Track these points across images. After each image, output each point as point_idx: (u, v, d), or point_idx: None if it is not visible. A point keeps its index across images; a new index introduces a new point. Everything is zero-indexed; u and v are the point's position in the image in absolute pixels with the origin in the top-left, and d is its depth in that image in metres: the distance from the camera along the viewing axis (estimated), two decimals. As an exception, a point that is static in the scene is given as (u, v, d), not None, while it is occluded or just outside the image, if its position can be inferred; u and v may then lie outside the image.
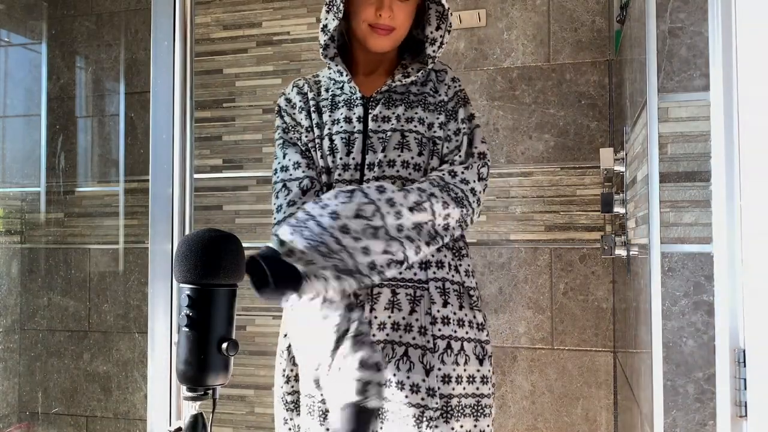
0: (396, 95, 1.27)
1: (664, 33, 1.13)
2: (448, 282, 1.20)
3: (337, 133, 1.24)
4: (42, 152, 2.63)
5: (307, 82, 1.34)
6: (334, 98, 1.28)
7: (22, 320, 2.61)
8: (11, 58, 2.73)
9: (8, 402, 2.58)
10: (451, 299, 1.19)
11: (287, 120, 1.32)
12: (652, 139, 1.13)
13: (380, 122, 1.24)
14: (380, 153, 1.22)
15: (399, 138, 1.23)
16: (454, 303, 1.19)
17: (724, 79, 1.05)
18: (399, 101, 1.26)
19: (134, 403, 2.51)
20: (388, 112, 1.24)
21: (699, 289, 1.09)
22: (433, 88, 1.29)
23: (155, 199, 1.21)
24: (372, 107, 1.26)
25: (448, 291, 1.19)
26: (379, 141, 1.23)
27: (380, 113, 1.24)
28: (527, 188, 2.14)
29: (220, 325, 0.83)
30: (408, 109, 1.25)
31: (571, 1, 2.13)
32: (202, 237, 0.84)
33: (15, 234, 2.61)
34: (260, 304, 2.40)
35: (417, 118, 1.24)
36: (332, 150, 1.24)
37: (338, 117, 1.26)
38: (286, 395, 1.24)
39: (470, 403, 1.17)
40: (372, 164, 1.21)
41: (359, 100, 1.26)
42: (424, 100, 1.27)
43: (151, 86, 1.21)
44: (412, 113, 1.25)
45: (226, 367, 0.83)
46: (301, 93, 1.32)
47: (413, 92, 1.28)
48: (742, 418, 1.01)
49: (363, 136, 1.23)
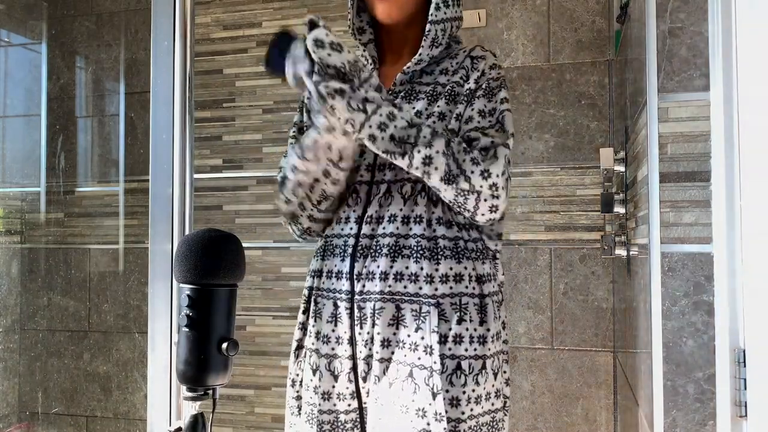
0: (421, 86, 1.16)
1: (664, 33, 1.13)
2: (466, 296, 1.08)
3: None
4: (42, 152, 2.63)
5: None
6: None
7: (22, 320, 2.61)
8: (11, 58, 2.73)
9: (8, 402, 2.58)
10: (467, 315, 1.07)
11: (305, 119, 1.24)
12: (652, 139, 1.13)
13: None
14: None
15: None
16: (471, 318, 1.07)
17: (724, 79, 1.05)
18: (422, 94, 1.15)
19: (134, 403, 2.51)
20: (407, 107, 1.14)
21: (699, 289, 1.09)
22: (465, 76, 1.15)
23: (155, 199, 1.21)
24: None
25: (465, 306, 1.07)
26: None
27: None
28: (527, 188, 2.14)
29: (220, 325, 0.83)
30: (431, 104, 1.13)
31: (571, 1, 2.13)
32: (202, 237, 0.84)
33: (15, 234, 2.61)
34: (260, 304, 2.40)
35: (437, 113, 1.12)
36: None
37: None
38: (292, 399, 1.19)
39: (486, 421, 1.08)
40: (383, 165, 1.13)
41: None
42: (451, 90, 1.14)
43: (151, 86, 1.21)
44: (433, 108, 1.13)
45: (226, 367, 0.83)
46: None
47: (441, 83, 1.15)
48: (742, 418, 1.01)
49: None
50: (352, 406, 1.11)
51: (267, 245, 2.41)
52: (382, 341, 1.07)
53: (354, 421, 1.11)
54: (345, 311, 1.11)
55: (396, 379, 1.06)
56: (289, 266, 2.38)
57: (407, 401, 1.05)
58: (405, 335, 1.07)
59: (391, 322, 1.08)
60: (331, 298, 1.13)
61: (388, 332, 1.07)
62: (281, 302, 2.39)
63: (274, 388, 2.38)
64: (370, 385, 1.09)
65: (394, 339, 1.08)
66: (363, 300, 1.09)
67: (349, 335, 1.10)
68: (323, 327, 1.13)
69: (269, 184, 2.41)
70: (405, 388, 1.05)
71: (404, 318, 1.07)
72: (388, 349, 1.07)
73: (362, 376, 1.10)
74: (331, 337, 1.11)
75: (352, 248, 1.11)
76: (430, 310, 1.06)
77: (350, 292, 1.10)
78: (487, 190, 1.04)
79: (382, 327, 1.07)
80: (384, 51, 1.23)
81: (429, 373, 1.04)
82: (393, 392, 1.06)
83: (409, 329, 1.07)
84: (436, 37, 1.14)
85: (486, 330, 1.08)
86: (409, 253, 1.08)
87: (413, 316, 1.07)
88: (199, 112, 2.47)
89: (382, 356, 1.07)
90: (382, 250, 1.09)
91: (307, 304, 1.18)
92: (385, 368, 1.07)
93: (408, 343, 1.06)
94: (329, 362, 1.11)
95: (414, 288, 1.07)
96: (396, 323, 1.08)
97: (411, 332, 1.06)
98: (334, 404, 1.11)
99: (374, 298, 1.08)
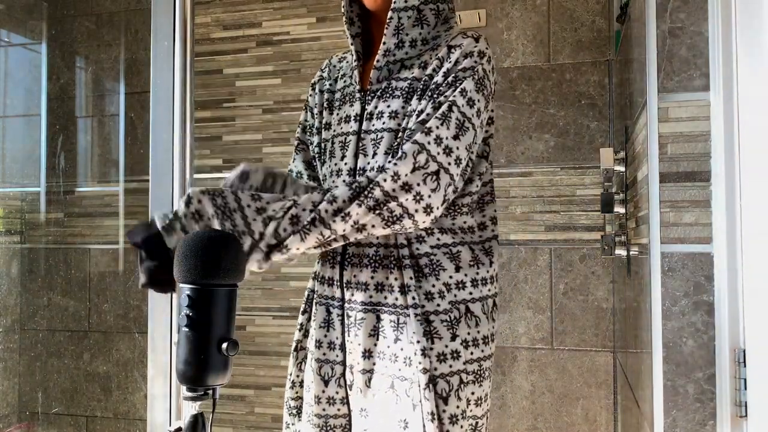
0: (398, 82, 1.07)
1: (664, 33, 1.13)
2: (434, 312, 1.02)
3: (337, 135, 1.12)
4: (42, 152, 2.63)
5: (330, 64, 1.20)
6: (344, 90, 1.14)
7: (22, 320, 2.61)
8: (11, 58, 2.73)
9: (8, 402, 2.58)
10: (441, 329, 1.02)
11: (308, 118, 1.20)
12: (652, 139, 1.13)
13: (374, 120, 1.06)
14: (371, 158, 1.05)
15: (391, 140, 1.04)
16: (443, 333, 1.02)
17: (724, 79, 1.05)
18: (398, 91, 1.06)
19: (134, 403, 2.51)
20: (382, 106, 1.06)
21: (699, 289, 1.09)
22: (438, 67, 1.04)
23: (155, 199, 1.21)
24: (368, 102, 1.09)
25: (433, 321, 1.02)
26: (372, 143, 1.05)
27: (375, 109, 1.07)
28: (527, 188, 2.14)
29: (220, 325, 0.83)
30: (407, 102, 1.04)
31: (571, 1, 2.13)
32: (202, 237, 0.84)
33: (15, 234, 2.61)
34: (260, 304, 2.40)
35: (410, 110, 1.03)
36: (332, 155, 1.11)
37: (342, 116, 1.12)
38: (290, 400, 1.18)
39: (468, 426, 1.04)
40: (364, 170, 1.06)
41: (357, 93, 1.10)
42: (424, 85, 1.04)
43: (151, 86, 1.22)
44: (408, 107, 1.04)
45: (225, 367, 0.83)
46: (322, 79, 1.20)
47: (417, 77, 1.06)
48: (742, 418, 1.01)
49: (357, 138, 1.08)
50: (341, 411, 1.11)
51: (267, 245, 2.41)
52: (363, 353, 1.05)
53: (343, 426, 1.11)
54: (337, 318, 1.10)
55: (379, 390, 1.05)
56: (289, 266, 2.38)
57: (391, 412, 1.03)
58: (384, 346, 1.04)
59: (372, 333, 1.05)
60: (324, 303, 1.12)
61: (369, 343, 1.05)
62: (281, 302, 2.39)
63: (274, 388, 2.38)
64: (356, 395, 1.09)
65: (375, 351, 1.05)
66: (351, 308, 1.08)
67: (340, 341, 1.10)
68: (317, 331, 1.12)
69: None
70: (387, 399, 1.03)
71: (383, 329, 1.05)
72: (370, 360, 1.06)
73: (349, 384, 1.09)
74: (323, 342, 1.11)
75: (341, 256, 1.10)
76: (407, 321, 1.03)
77: (341, 299, 1.10)
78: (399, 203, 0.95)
79: (363, 338, 1.05)
80: (374, 43, 1.15)
81: (409, 384, 1.02)
82: (376, 404, 1.05)
83: (389, 340, 1.04)
84: (401, 25, 1.06)
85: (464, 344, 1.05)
86: (389, 263, 1.06)
87: (392, 327, 1.04)
88: (199, 112, 2.46)
89: (363, 367, 1.06)
90: (362, 260, 1.07)
91: (308, 306, 1.18)
92: (367, 379, 1.06)
93: (388, 355, 1.04)
94: (320, 367, 1.11)
95: (390, 298, 1.04)
96: (376, 334, 1.05)
97: (390, 343, 1.04)
98: (323, 408, 1.10)
99: (357, 307, 1.07)
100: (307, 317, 1.18)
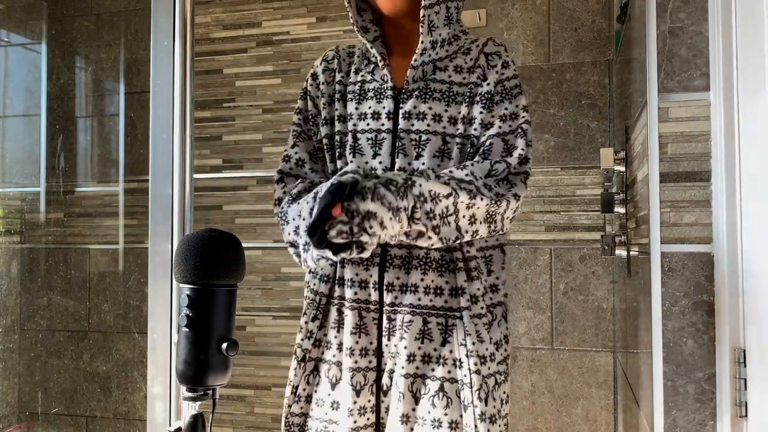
0: (435, 84, 1.10)
1: (664, 33, 1.13)
2: (476, 315, 1.07)
3: (363, 131, 1.10)
4: (42, 152, 2.62)
5: (338, 55, 1.19)
6: (364, 85, 1.14)
7: (22, 320, 2.61)
8: (11, 58, 2.73)
9: (8, 402, 2.58)
10: (482, 332, 1.06)
11: (309, 107, 1.17)
12: (652, 139, 1.13)
13: (413, 120, 1.08)
14: (414, 159, 1.07)
15: (439, 143, 1.07)
16: (484, 336, 1.06)
17: (724, 79, 1.05)
18: (437, 93, 1.09)
19: (134, 403, 2.51)
20: (423, 107, 1.08)
21: (699, 289, 1.09)
22: (482, 75, 1.10)
23: (155, 199, 1.21)
24: (404, 100, 1.10)
25: (476, 324, 1.06)
26: (412, 143, 1.07)
27: (414, 109, 1.08)
28: (527, 188, 2.13)
29: (219, 325, 0.83)
30: (449, 105, 1.08)
31: (571, 1, 2.13)
32: (202, 237, 0.84)
33: (15, 234, 2.61)
34: (260, 304, 2.40)
35: (459, 116, 1.08)
36: (355, 150, 1.10)
37: (365, 111, 1.11)
38: (293, 416, 1.12)
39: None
40: (403, 170, 1.07)
41: (389, 91, 1.10)
42: (470, 92, 1.09)
43: (151, 86, 1.22)
44: (455, 111, 1.08)
45: (225, 367, 0.83)
46: (329, 69, 1.18)
47: (456, 82, 1.10)
48: (742, 418, 1.01)
49: (392, 137, 1.09)
50: (370, 420, 1.09)
51: (267, 245, 2.41)
52: (408, 357, 1.05)
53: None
54: (372, 322, 1.08)
55: (425, 394, 1.05)
56: (289, 266, 2.38)
57: (440, 415, 1.04)
58: (431, 349, 1.06)
59: (418, 336, 1.06)
60: (356, 308, 1.09)
61: (414, 346, 1.06)
62: (281, 302, 2.39)
63: (274, 388, 2.38)
64: (392, 401, 1.07)
65: (419, 354, 1.06)
66: (394, 312, 1.07)
67: (375, 346, 1.08)
68: (349, 338, 1.08)
69: (269, 184, 2.41)
70: (436, 403, 1.04)
71: (431, 332, 1.07)
72: (414, 363, 1.06)
73: (383, 390, 1.08)
74: (355, 349, 1.08)
75: (380, 257, 1.08)
76: (456, 323, 1.07)
77: (378, 302, 1.08)
78: (510, 212, 1.10)
79: (410, 341, 1.05)
80: (391, 46, 1.17)
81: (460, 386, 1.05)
82: (422, 408, 1.05)
83: (435, 343, 1.06)
84: (432, 22, 1.08)
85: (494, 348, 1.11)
86: (436, 266, 1.07)
87: (439, 330, 1.07)
88: (199, 112, 2.46)
89: (408, 371, 1.05)
90: (412, 262, 1.07)
91: (320, 312, 1.12)
92: (410, 383, 1.06)
93: (434, 357, 1.06)
94: (352, 376, 1.07)
95: (439, 301, 1.07)
96: (422, 337, 1.06)
97: (437, 346, 1.07)
98: (355, 421, 1.07)
99: (404, 310, 1.06)
100: (318, 324, 1.12)
